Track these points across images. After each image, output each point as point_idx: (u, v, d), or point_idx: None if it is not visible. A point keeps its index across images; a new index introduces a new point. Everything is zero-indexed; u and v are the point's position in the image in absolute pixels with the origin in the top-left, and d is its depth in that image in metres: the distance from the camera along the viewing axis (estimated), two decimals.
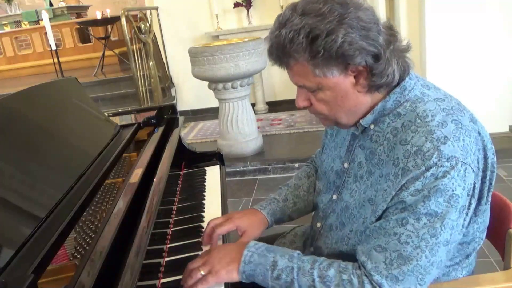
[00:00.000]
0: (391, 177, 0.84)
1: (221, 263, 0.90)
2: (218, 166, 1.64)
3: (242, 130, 3.44)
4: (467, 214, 0.84)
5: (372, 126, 0.92)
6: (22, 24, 7.80)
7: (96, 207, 1.01)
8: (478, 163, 0.84)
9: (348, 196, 0.97)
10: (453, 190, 0.78)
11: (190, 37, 5.02)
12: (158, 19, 5.07)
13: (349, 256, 0.92)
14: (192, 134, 4.47)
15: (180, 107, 5.09)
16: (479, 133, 0.87)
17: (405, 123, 0.85)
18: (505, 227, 1.00)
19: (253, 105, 4.64)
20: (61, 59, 5.17)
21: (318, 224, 1.08)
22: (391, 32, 0.86)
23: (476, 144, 0.84)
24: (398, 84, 0.88)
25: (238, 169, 3.41)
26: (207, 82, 3.36)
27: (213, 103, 4.05)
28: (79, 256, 0.82)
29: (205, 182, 1.51)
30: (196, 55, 3.20)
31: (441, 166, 0.78)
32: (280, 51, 0.84)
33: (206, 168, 1.62)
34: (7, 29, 7.78)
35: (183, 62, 4.29)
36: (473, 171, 0.81)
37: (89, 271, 0.71)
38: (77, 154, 1.14)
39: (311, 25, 0.79)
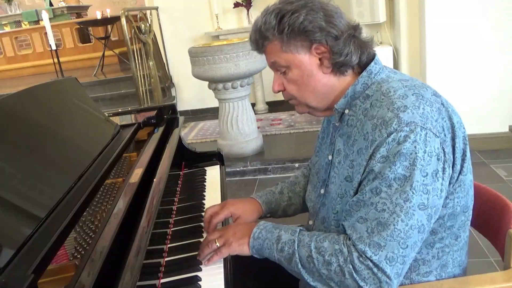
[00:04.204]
0: (363, 150, 0.90)
1: (235, 237, 1.00)
2: (218, 166, 1.64)
3: (242, 130, 3.44)
4: (443, 179, 0.87)
5: (347, 111, 0.99)
6: (22, 24, 7.80)
7: (96, 207, 1.01)
8: (444, 130, 0.88)
9: (331, 185, 1.02)
10: (416, 153, 0.83)
11: (190, 37, 5.02)
12: (158, 19, 5.07)
13: None
14: (192, 134, 4.47)
15: (180, 107, 5.09)
16: (443, 105, 0.91)
17: (373, 102, 0.93)
18: (505, 227, 1.00)
19: (253, 105, 4.65)
20: (61, 59, 5.16)
21: (310, 222, 1.13)
22: (353, 26, 0.97)
23: (439, 113, 0.89)
24: (365, 69, 0.97)
25: (238, 169, 3.41)
26: (207, 82, 3.36)
27: (213, 103, 4.06)
28: (79, 256, 0.82)
29: (205, 182, 1.51)
30: (196, 55, 3.20)
31: (400, 131, 0.84)
32: (257, 34, 0.97)
33: (206, 168, 1.62)
34: (7, 29, 7.77)
35: (183, 62, 4.30)
36: (436, 136, 0.85)
37: (89, 271, 0.71)
38: (77, 154, 1.14)
39: (280, 8, 0.94)
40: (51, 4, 7.85)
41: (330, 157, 1.04)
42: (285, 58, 0.96)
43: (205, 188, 1.45)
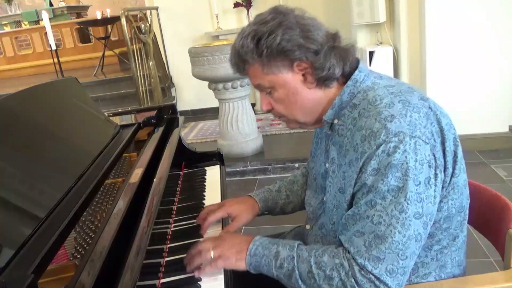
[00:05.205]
0: (353, 162, 0.90)
1: (231, 251, 0.97)
2: (218, 166, 1.64)
3: (242, 130, 3.44)
4: (436, 186, 0.87)
5: (336, 121, 0.98)
6: (22, 24, 7.80)
7: (96, 207, 1.01)
8: (433, 135, 0.87)
9: (327, 194, 1.02)
10: (407, 163, 0.82)
11: (190, 37, 5.01)
12: (158, 19, 5.07)
13: None
14: (192, 134, 4.47)
15: (180, 107, 5.09)
16: (431, 109, 0.90)
17: (361, 112, 0.92)
18: (505, 227, 1.00)
19: (253, 105, 4.64)
20: (61, 59, 5.16)
21: (308, 226, 1.13)
22: (331, 35, 0.96)
23: (427, 118, 0.88)
24: (350, 78, 0.96)
25: (238, 169, 3.41)
26: (207, 82, 3.36)
27: (213, 103, 4.05)
28: (79, 256, 0.82)
29: (205, 182, 1.51)
30: (196, 55, 3.20)
31: (389, 142, 0.83)
32: (237, 58, 0.97)
33: (206, 168, 1.62)
34: (7, 29, 7.77)
35: (183, 62, 4.29)
36: (426, 142, 0.85)
37: (89, 271, 0.71)
38: (77, 154, 1.14)
39: (256, 30, 0.93)
40: (51, 4, 7.84)
41: (327, 165, 1.03)
42: (268, 79, 0.95)
43: (205, 188, 1.45)
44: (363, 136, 0.88)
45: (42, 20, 5.65)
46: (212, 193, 1.41)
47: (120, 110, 1.77)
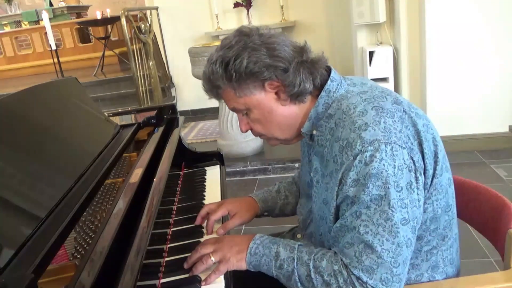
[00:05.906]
0: (333, 174, 0.90)
1: (232, 252, 0.96)
2: (218, 166, 1.64)
3: None
4: (418, 189, 0.87)
5: (315, 132, 0.99)
6: (22, 24, 7.81)
7: (96, 207, 1.01)
8: (409, 139, 0.87)
9: (313, 204, 1.02)
10: (386, 171, 0.82)
11: (190, 37, 5.02)
12: (158, 19, 5.08)
13: None
14: (192, 134, 4.47)
15: (180, 107, 5.09)
16: (405, 112, 0.90)
17: (337, 122, 0.93)
18: (505, 227, 1.00)
19: None
20: (61, 59, 5.16)
21: (299, 235, 1.14)
22: (299, 49, 0.95)
23: (401, 122, 0.88)
24: (323, 88, 0.96)
25: (238, 169, 3.41)
26: None
27: (213, 103, 4.05)
28: (79, 256, 0.82)
29: (205, 182, 1.51)
30: (196, 55, 3.20)
31: (365, 151, 0.83)
32: (209, 84, 0.98)
33: (206, 168, 1.62)
34: (7, 29, 7.78)
35: (183, 62, 4.30)
36: (403, 147, 0.85)
37: (89, 271, 0.71)
38: (77, 154, 1.14)
39: (222, 55, 0.94)
40: (51, 4, 7.85)
41: (311, 174, 1.03)
42: (242, 102, 0.96)
43: (205, 188, 1.45)
44: (340, 147, 0.88)
45: (42, 20, 5.65)
46: (212, 193, 1.41)
47: (120, 110, 1.77)
